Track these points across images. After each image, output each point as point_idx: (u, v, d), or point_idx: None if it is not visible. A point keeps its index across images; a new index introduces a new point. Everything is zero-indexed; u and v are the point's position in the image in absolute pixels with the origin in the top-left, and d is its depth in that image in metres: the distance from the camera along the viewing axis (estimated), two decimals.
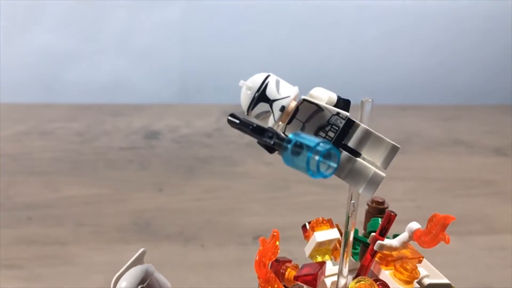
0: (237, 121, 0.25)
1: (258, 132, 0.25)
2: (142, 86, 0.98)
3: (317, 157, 0.22)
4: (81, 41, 0.97)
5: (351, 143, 0.26)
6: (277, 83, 0.27)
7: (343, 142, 0.26)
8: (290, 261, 0.36)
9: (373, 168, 0.27)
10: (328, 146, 0.22)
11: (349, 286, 0.30)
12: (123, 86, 0.97)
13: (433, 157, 0.80)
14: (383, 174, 0.27)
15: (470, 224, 0.62)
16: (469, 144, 0.85)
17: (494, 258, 0.56)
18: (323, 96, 0.27)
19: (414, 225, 0.33)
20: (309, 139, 0.23)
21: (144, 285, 0.29)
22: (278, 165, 0.73)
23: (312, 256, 0.37)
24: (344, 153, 0.26)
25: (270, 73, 0.27)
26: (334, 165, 0.23)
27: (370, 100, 0.29)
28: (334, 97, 0.28)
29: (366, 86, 1.03)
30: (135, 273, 0.30)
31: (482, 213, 0.65)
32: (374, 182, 0.27)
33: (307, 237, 0.38)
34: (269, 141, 0.24)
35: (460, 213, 0.64)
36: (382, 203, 0.41)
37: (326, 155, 0.22)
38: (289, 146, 0.23)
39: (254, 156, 0.78)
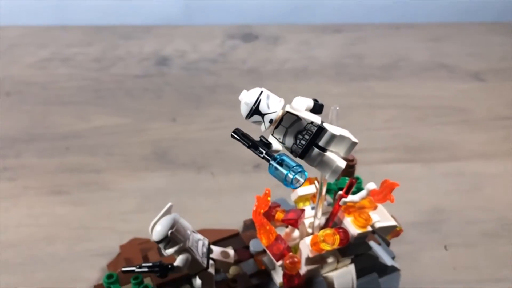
0: (238, 137, 0.36)
1: (254, 148, 0.35)
2: (149, 7, 1.03)
3: (292, 175, 0.33)
4: None
5: (321, 143, 0.36)
6: (268, 98, 0.36)
7: (315, 142, 0.37)
8: (278, 206, 0.47)
9: (336, 162, 0.37)
10: (299, 169, 0.33)
11: (318, 234, 0.42)
12: (131, 6, 1.02)
13: (417, 83, 0.88)
14: (343, 166, 0.37)
15: (436, 152, 0.73)
16: (452, 68, 0.93)
17: (452, 184, 0.68)
18: (302, 106, 0.37)
19: (371, 186, 0.45)
20: (289, 162, 0.33)
21: (173, 229, 0.41)
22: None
23: (296, 202, 0.50)
24: (316, 150, 0.37)
25: (263, 89, 0.36)
26: (302, 181, 0.33)
27: (337, 108, 0.39)
28: (311, 104, 0.38)
29: (364, 4, 1.07)
30: (166, 220, 0.42)
31: (448, 141, 0.76)
32: (336, 171, 0.37)
33: (293, 190, 0.50)
34: (260, 155, 0.35)
35: (428, 142, 0.75)
36: (352, 160, 0.52)
37: (299, 174, 0.33)
38: (273, 163, 0.34)
39: (255, 82, 0.87)
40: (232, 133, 0.37)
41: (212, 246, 0.46)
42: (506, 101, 0.84)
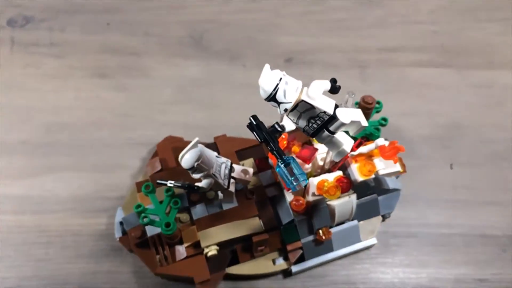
0: (253, 131, 0.38)
1: (266, 143, 0.39)
2: None
3: (295, 182, 0.37)
4: None
5: (331, 128, 0.39)
6: (286, 84, 0.38)
7: (326, 126, 0.39)
8: (295, 139, 0.52)
9: (343, 145, 0.40)
10: (302, 179, 0.37)
11: (324, 183, 0.48)
12: None
13: None
14: (348, 150, 0.41)
15: (472, 56, 0.72)
16: None
17: (478, 96, 0.68)
18: (319, 92, 0.38)
19: (380, 142, 0.48)
20: (295, 169, 0.37)
21: (199, 161, 0.47)
22: None
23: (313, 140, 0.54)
24: (326, 132, 0.40)
25: (282, 75, 0.38)
26: (302, 186, 0.38)
27: (353, 95, 0.40)
28: (328, 87, 0.39)
29: None
30: (193, 153, 0.48)
31: (490, 44, 0.73)
32: (342, 153, 0.41)
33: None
34: (271, 151, 0.38)
35: (468, 43, 0.73)
36: (371, 104, 0.53)
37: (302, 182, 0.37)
38: (281, 165, 0.38)
39: None
40: (248, 125, 0.40)
41: (234, 165, 0.53)
42: None
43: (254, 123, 0.40)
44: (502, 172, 0.62)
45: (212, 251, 0.52)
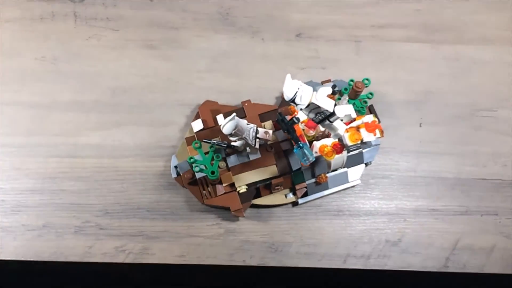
0: (279, 123, 0.58)
1: (288, 132, 0.58)
2: None
3: (307, 160, 0.58)
4: None
5: (331, 119, 0.59)
6: (302, 92, 0.57)
7: (328, 119, 0.59)
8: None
9: (338, 130, 0.60)
10: (311, 158, 0.57)
11: (324, 148, 0.68)
12: None
13: None
14: (342, 133, 0.61)
15: (447, 32, 0.88)
16: None
17: (447, 68, 0.86)
18: (324, 96, 0.57)
19: (366, 119, 0.67)
20: (306, 151, 0.57)
21: (235, 129, 0.67)
22: None
23: None
24: (327, 122, 0.60)
25: (300, 85, 0.57)
26: (312, 160, 0.58)
27: (347, 98, 0.59)
28: (330, 91, 0.58)
29: None
30: (231, 124, 0.67)
31: (463, 21, 0.89)
32: (337, 135, 0.61)
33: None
34: (292, 138, 0.58)
35: (446, 20, 0.89)
36: (360, 88, 0.72)
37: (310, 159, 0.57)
38: (297, 148, 0.58)
39: None
40: (276, 121, 0.60)
41: (259, 129, 0.73)
42: None
43: (280, 118, 0.59)
44: (459, 130, 0.83)
45: (242, 189, 0.74)
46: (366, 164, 0.79)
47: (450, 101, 0.84)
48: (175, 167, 0.76)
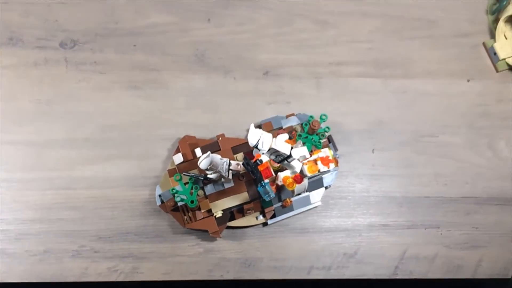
0: (244, 165, 0.70)
1: (251, 172, 0.70)
2: None
3: (268, 196, 0.69)
4: None
5: (289, 160, 0.71)
6: (263, 141, 0.69)
7: (286, 159, 0.71)
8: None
9: (295, 168, 0.72)
10: (272, 195, 0.69)
11: (286, 180, 0.79)
12: None
13: None
14: (298, 171, 0.73)
15: (395, 68, 1.00)
16: None
17: (396, 100, 0.99)
18: (282, 142, 0.69)
19: (321, 154, 0.79)
20: (268, 188, 0.69)
21: (210, 165, 0.79)
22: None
23: None
24: (286, 162, 0.71)
25: (261, 134, 0.68)
26: (272, 197, 0.70)
27: (302, 143, 0.71)
28: (287, 137, 0.70)
29: None
30: (207, 160, 0.79)
31: (409, 57, 1.00)
32: (294, 172, 0.73)
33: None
34: (255, 178, 0.70)
35: (394, 57, 1.01)
36: (316, 127, 0.84)
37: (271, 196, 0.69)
38: (260, 186, 0.70)
39: None
40: (242, 164, 0.71)
41: (231, 161, 0.84)
42: (472, 16, 1.05)
43: (245, 161, 0.71)
44: (406, 154, 0.95)
45: (218, 214, 0.85)
46: (326, 188, 0.91)
47: (398, 129, 0.97)
48: (159, 195, 0.87)
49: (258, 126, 0.92)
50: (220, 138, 0.91)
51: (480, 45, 1.03)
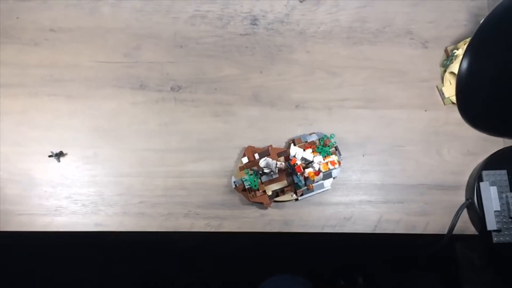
0: (288, 165, 1.30)
1: (292, 170, 1.31)
2: None
3: (298, 182, 1.30)
4: None
5: (312, 163, 1.31)
6: (297, 154, 1.28)
7: (311, 162, 1.31)
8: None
9: (316, 167, 1.32)
10: (302, 182, 1.29)
11: (310, 173, 1.39)
12: None
13: (388, 49, 1.60)
14: (317, 169, 1.33)
15: (378, 102, 1.57)
16: (414, 35, 1.63)
17: (378, 123, 1.56)
18: (308, 153, 1.29)
19: (330, 159, 1.38)
20: (299, 178, 1.29)
21: (266, 164, 1.39)
22: (314, 54, 1.60)
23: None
24: (310, 164, 1.31)
25: (296, 151, 1.28)
26: (301, 184, 1.30)
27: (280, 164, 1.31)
28: (311, 151, 1.30)
29: None
30: (264, 160, 1.40)
31: (387, 96, 1.57)
32: (314, 168, 1.33)
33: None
34: (291, 171, 1.30)
35: (377, 95, 1.59)
36: (326, 144, 1.44)
37: (301, 183, 1.30)
38: (296, 177, 1.30)
39: (302, 43, 1.64)
40: (285, 163, 1.32)
41: (277, 162, 1.45)
42: (429, 67, 1.62)
43: (288, 164, 1.32)
44: (384, 157, 1.54)
45: (269, 192, 1.46)
46: (334, 178, 1.52)
47: (379, 141, 1.56)
48: (234, 182, 1.49)
49: (292, 140, 1.52)
50: (270, 147, 1.51)
51: (435, 87, 1.59)
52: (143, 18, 1.59)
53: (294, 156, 1.30)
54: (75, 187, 1.49)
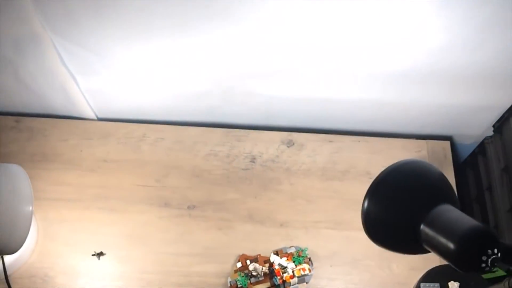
0: (270, 272, 1.78)
1: (271, 273, 1.79)
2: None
3: (278, 284, 1.78)
4: None
5: (287, 268, 1.79)
6: (275, 261, 1.77)
7: (286, 267, 1.79)
8: None
9: (290, 272, 1.80)
10: (278, 283, 1.77)
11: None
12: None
13: (351, 185, 2.15)
14: (291, 273, 1.80)
15: (343, 224, 2.07)
16: (371, 176, 2.19)
17: (340, 241, 2.04)
18: (283, 260, 1.77)
19: (302, 266, 1.85)
20: (278, 280, 1.77)
21: (254, 269, 1.86)
22: (296, 186, 2.14)
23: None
24: (286, 269, 1.79)
25: (275, 258, 1.76)
26: (279, 284, 1.78)
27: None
28: (285, 258, 1.78)
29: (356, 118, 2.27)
30: (253, 266, 1.87)
31: (350, 220, 2.09)
32: (288, 272, 1.80)
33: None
34: (271, 275, 1.78)
35: (341, 219, 2.09)
36: (300, 255, 1.92)
37: (279, 283, 1.77)
38: (275, 279, 1.78)
39: (288, 178, 2.19)
40: (268, 269, 1.80)
41: (262, 267, 1.92)
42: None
43: (269, 268, 1.80)
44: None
45: None
46: (306, 283, 1.97)
47: (343, 255, 2.03)
48: (230, 281, 1.95)
49: (276, 251, 2.00)
50: (259, 256, 2.00)
51: None
52: (172, 154, 2.17)
53: (273, 262, 1.78)
54: (108, 280, 1.97)
